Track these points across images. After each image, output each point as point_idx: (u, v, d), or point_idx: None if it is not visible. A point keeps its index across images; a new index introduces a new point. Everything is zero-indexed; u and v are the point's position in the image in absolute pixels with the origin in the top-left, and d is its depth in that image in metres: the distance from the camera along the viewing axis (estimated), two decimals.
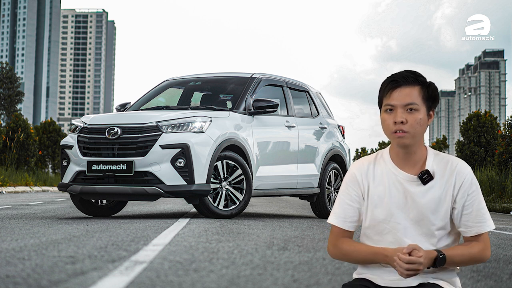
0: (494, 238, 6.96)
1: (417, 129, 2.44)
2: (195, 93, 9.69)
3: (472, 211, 2.47)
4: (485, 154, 22.41)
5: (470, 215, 2.48)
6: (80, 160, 7.87)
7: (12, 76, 63.83)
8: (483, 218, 2.48)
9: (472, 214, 2.48)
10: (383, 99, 2.50)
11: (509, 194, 16.71)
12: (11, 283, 3.03)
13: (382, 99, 2.51)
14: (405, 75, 2.48)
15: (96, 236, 5.41)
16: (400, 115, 2.44)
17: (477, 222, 2.48)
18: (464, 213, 2.48)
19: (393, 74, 2.51)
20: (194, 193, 7.58)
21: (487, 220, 2.49)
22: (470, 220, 2.48)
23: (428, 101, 2.47)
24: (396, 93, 2.46)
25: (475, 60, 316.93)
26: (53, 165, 32.53)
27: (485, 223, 2.48)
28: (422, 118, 2.45)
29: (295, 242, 5.39)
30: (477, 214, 2.48)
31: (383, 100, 2.50)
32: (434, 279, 2.49)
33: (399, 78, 2.48)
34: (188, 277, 3.37)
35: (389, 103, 2.47)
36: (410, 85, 2.46)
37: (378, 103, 2.54)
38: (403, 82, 2.47)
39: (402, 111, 2.44)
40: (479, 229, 2.48)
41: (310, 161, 9.52)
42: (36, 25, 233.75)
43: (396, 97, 2.46)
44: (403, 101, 2.44)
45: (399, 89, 2.46)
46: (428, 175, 2.48)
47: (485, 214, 2.49)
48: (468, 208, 2.48)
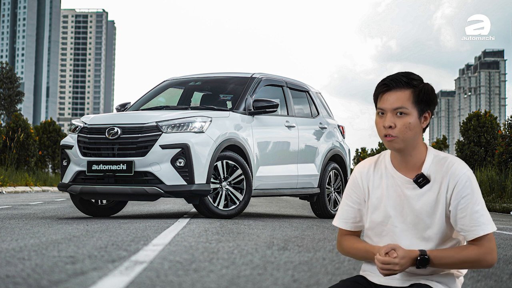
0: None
1: (406, 134, 2.41)
2: (195, 93, 9.69)
3: (466, 215, 2.40)
4: (485, 154, 22.40)
5: (464, 219, 2.41)
6: (80, 160, 7.87)
7: (12, 76, 63.81)
8: (478, 222, 2.39)
9: (466, 218, 2.40)
10: (377, 103, 2.49)
11: (509, 194, 16.71)
12: (11, 283, 3.03)
13: (376, 102, 2.51)
14: (397, 78, 2.45)
15: (96, 236, 5.41)
16: (389, 120, 2.42)
17: (472, 226, 2.40)
18: (459, 217, 2.42)
19: (387, 76, 2.49)
20: (194, 193, 7.58)
21: (482, 223, 2.40)
22: (466, 224, 2.41)
23: (420, 105, 2.43)
24: (386, 96, 2.45)
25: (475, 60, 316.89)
26: (53, 165, 32.53)
27: (479, 227, 2.39)
28: (412, 122, 2.41)
29: (295, 242, 5.39)
30: (471, 218, 2.40)
31: (377, 103, 2.50)
32: (427, 281, 2.47)
33: (390, 81, 2.45)
34: (188, 277, 3.37)
35: (380, 106, 2.46)
36: (401, 89, 2.43)
37: (375, 105, 2.54)
38: (393, 85, 2.44)
39: (391, 115, 2.42)
40: (474, 233, 2.40)
41: (310, 161, 9.52)
42: (36, 25, 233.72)
43: (386, 100, 2.44)
44: (392, 105, 2.42)
45: (389, 93, 2.44)
46: (423, 178, 2.45)
47: (480, 218, 2.40)
48: (462, 211, 2.41)
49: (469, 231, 2.41)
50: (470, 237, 2.41)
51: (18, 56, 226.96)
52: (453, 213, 2.43)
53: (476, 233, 2.40)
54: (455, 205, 2.42)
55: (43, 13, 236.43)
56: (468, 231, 2.41)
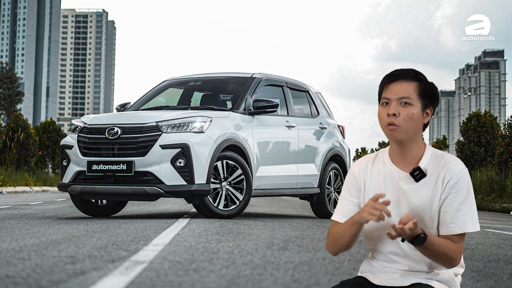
0: (494, 238, 6.96)
1: (409, 124, 2.45)
2: (195, 93, 9.69)
3: (449, 210, 2.42)
4: (485, 154, 22.40)
5: (446, 214, 2.43)
6: (80, 160, 7.87)
7: (12, 76, 63.80)
8: (458, 220, 2.41)
9: (448, 214, 2.43)
10: (382, 93, 2.53)
11: (509, 194, 16.71)
12: (11, 283, 3.03)
13: (380, 93, 2.54)
14: (406, 71, 2.51)
15: (96, 236, 5.41)
16: (394, 108, 2.46)
17: (451, 223, 2.42)
18: (442, 211, 2.44)
19: (395, 69, 2.54)
20: (194, 193, 7.58)
21: (462, 222, 2.41)
22: (445, 219, 2.43)
23: (424, 98, 2.48)
24: (392, 86, 2.49)
25: (475, 60, 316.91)
26: (53, 165, 32.53)
27: (457, 225, 2.41)
28: (415, 113, 2.45)
29: (295, 242, 5.39)
30: (453, 215, 2.42)
31: (381, 95, 2.53)
32: (427, 280, 2.47)
33: (398, 72, 2.51)
34: (188, 277, 3.37)
35: (385, 96, 2.50)
36: (408, 80, 2.49)
37: (378, 99, 2.56)
38: (401, 76, 2.49)
39: (396, 104, 2.46)
40: (451, 229, 2.42)
41: (310, 161, 9.52)
42: (36, 25, 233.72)
43: (391, 90, 2.49)
44: (398, 95, 2.46)
45: (396, 83, 2.49)
46: (419, 172, 2.47)
47: (462, 217, 2.42)
48: (446, 206, 2.43)
49: (446, 227, 2.43)
50: (444, 233, 2.44)
51: (18, 56, 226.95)
52: (439, 205, 2.46)
53: (453, 230, 2.42)
54: (443, 198, 2.45)
55: (43, 13, 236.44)
56: (446, 227, 2.43)
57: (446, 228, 2.44)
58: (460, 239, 2.44)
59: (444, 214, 2.44)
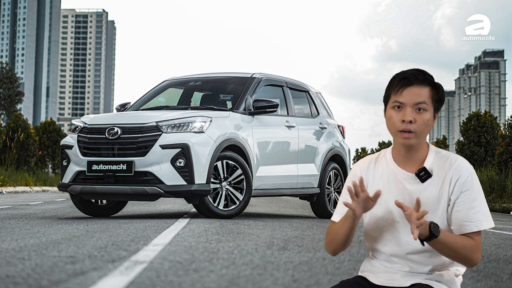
0: (494, 238, 6.96)
1: (423, 130, 2.42)
2: (195, 93, 9.69)
3: (462, 209, 2.41)
4: (485, 154, 22.40)
5: (459, 213, 2.42)
6: (80, 160, 7.87)
7: (12, 76, 63.82)
8: (471, 218, 2.40)
9: (461, 213, 2.41)
10: (392, 95, 2.46)
11: (509, 194, 16.71)
12: (11, 283, 3.03)
13: (390, 95, 2.47)
14: (417, 74, 2.45)
15: (96, 236, 5.41)
16: (409, 114, 2.41)
17: (466, 221, 2.41)
18: (454, 210, 2.43)
19: (404, 71, 2.48)
20: (194, 193, 7.58)
21: (476, 220, 2.40)
22: (459, 219, 2.42)
23: (436, 103, 2.45)
24: (407, 91, 2.43)
25: (475, 60, 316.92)
26: (53, 165, 32.53)
27: (472, 223, 2.40)
28: (429, 119, 2.43)
29: (295, 242, 5.39)
30: (466, 214, 2.41)
31: (391, 96, 2.47)
32: (427, 281, 2.46)
33: (411, 76, 2.45)
34: (188, 277, 3.37)
35: (399, 100, 2.43)
36: (421, 85, 2.44)
37: (385, 98, 2.51)
38: (414, 80, 2.44)
39: (411, 110, 2.42)
40: (466, 228, 2.41)
41: (310, 161, 9.51)
42: (36, 25, 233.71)
43: (406, 95, 2.43)
44: (414, 100, 2.42)
45: (411, 87, 2.43)
46: (425, 172, 2.45)
47: (475, 214, 2.41)
48: (458, 206, 2.42)
49: (460, 226, 2.42)
50: (460, 232, 2.42)
51: (18, 56, 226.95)
52: (450, 206, 2.44)
53: (469, 228, 2.41)
54: (454, 199, 2.43)
55: (43, 13, 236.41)
56: (460, 226, 2.42)
57: (461, 227, 2.42)
58: (477, 237, 2.42)
59: (457, 213, 2.42)
